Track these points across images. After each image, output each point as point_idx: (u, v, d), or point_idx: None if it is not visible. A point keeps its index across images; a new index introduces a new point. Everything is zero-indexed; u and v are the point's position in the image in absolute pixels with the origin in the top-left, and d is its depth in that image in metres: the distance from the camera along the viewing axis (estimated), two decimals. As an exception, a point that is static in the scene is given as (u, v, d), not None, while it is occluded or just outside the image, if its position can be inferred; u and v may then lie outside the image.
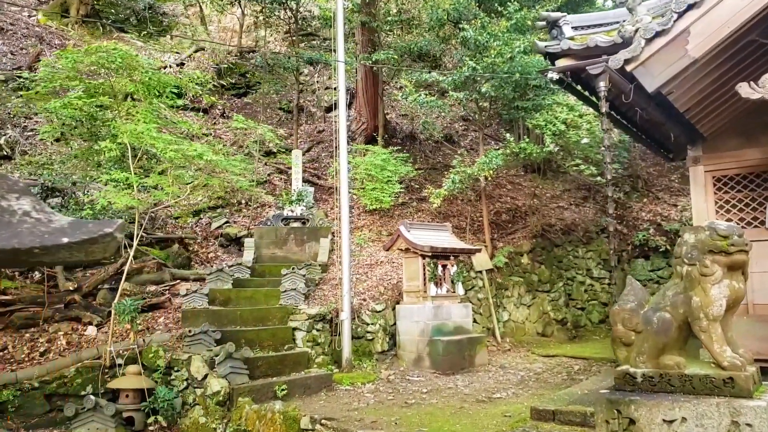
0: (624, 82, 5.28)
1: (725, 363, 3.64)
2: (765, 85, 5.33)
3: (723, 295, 3.63)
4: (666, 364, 3.80)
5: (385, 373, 8.80)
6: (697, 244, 3.71)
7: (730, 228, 3.65)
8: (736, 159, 7.38)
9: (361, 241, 11.21)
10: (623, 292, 4.11)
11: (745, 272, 3.80)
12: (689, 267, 3.70)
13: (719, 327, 3.68)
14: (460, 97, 10.78)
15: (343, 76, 9.46)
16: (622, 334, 3.92)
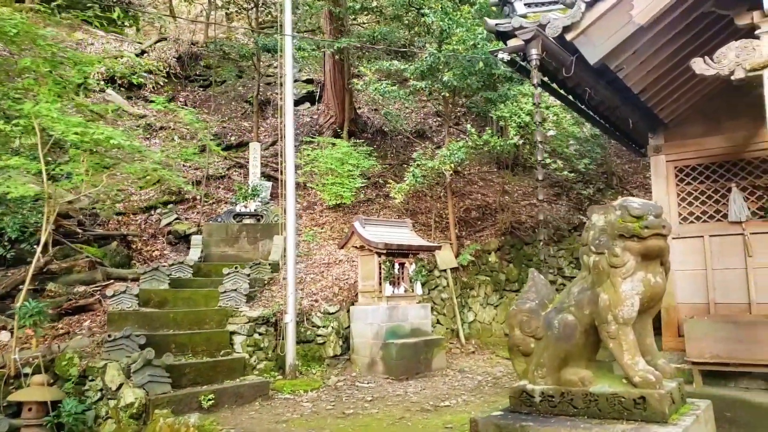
0: (565, 54, 4.73)
1: (636, 379, 2.99)
2: (720, 61, 4.80)
3: (636, 291, 2.98)
4: (568, 380, 3.14)
5: (333, 379, 8.24)
6: (607, 228, 3.04)
7: (645, 206, 3.00)
8: (699, 148, 6.88)
9: (310, 238, 10.62)
10: (524, 288, 3.52)
11: (665, 263, 3.16)
12: (596, 256, 3.05)
13: (631, 332, 3.03)
14: (423, 86, 10.21)
15: (290, 53, 8.87)
16: (520, 341, 3.30)
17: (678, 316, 6.80)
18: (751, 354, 5.87)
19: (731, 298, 6.66)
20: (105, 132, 5.70)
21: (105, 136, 5.67)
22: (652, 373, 3.01)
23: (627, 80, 5.43)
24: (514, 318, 3.35)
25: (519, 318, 3.31)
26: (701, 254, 6.82)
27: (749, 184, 6.68)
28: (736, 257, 6.64)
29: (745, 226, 6.60)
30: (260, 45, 13.01)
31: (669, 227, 2.96)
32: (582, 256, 3.18)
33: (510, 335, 3.35)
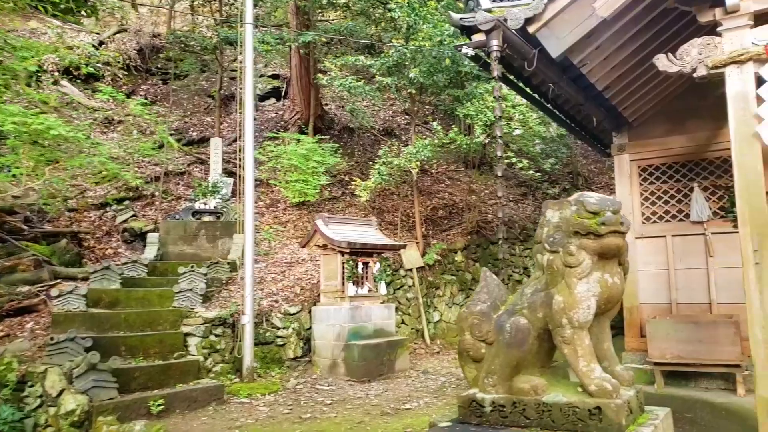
0: (528, 47, 4.59)
1: (592, 387, 2.79)
2: (683, 58, 4.72)
3: (592, 293, 2.78)
4: (520, 388, 2.92)
5: (293, 382, 7.98)
6: (562, 224, 2.85)
7: (603, 202, 2.82)
8: (663, 147, 6.85)
9: (270, 236, 10.32)
10: (476, 289, 3.33)
11: (624, 262, 2.98)
12: (551, 255, 2.86)
13: (587, 337, 2.84)
14: (389, 82, 10.01)
15: (250, 42, 8.58)
16: (470, 345, 3.10)
17: (641, 316, 6.76)
18: (711, 354, 5.84)
19: (693, 298, 6.65)
20: (45, 122, 5.33)
21: (45, 126, 5.30)
22: (609, 381, 2.82)
23: (591, 76, 5.32)
24: (464, 321, 3.14)
25: (469, 321, 3.10)
26: (664, 254, 6.79)
27: (711, 184, 6.68)
28: (697, 257, 6.63)
29: (707, 225, 6.60)
30: (222, 37, 12.63)
31: (627, 224, 2.79)
32: (536, 255, 2.99)
33: (460, 339, 3.14)
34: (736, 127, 4.51)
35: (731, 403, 5.54)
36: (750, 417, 4.58)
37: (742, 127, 4.49)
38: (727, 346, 5.76)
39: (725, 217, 6.52)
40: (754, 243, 4.34)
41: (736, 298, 6.12)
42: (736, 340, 5.73)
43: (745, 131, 4.46)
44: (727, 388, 6.04)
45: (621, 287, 2.94)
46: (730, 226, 6.30)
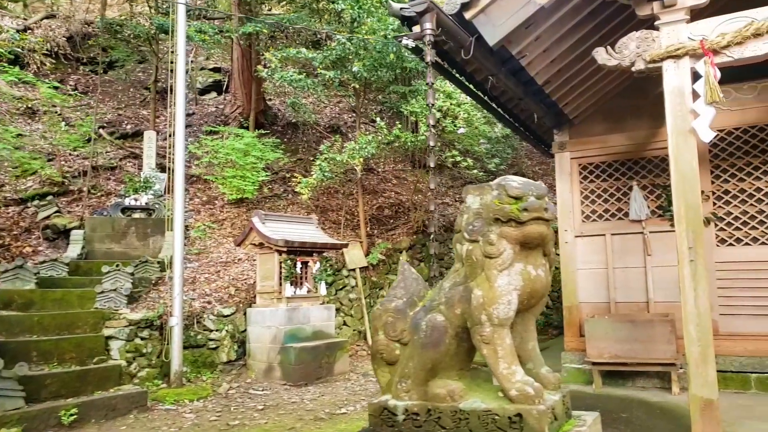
0: (464, 34, 4.41)
1: (513, 392, 2.55)
2: (621, 51, 4.65)
3: (514, 286, 2.54)
4: (436, 394, 2.65)
5: (225, 387, 7.56)
6: (482, 211, 2.61)
7: (526, 185, 2.59)
8: (603, 145, 6.84)
9: (201, 234, 9.84)
10: (393, 283, 3.07)
11: (549, 253, 2.76)
12: (470, 245, 2.61)
13: (509, 335, 2.60)
14: (331, 76, 9.71)
15: (183, 25, 8.06)
16: (383, 347, 2.83)
17: (580, 315, 6.71)
18: (648, 353, 5.82)
19: (631, 297, 6.65)
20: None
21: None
22: (531, 385, 2.58)
23: (530, 69, 5.20)
24: (377, 319, 2.86)
25: (383, 319, 2.82)
26: (603, 253, 6.77)
27: (649, 182, 6.70)
28: (636, 256, 6.64)
29: (645, 224, 6.61)
30: (156, 24, 12.00)
31: (552, 211, 2.57)
32: (455, 245, 2.74)
33: (373, 340, 2.87)
34: (673, 123, 4.47)
35: (666, 401, 5.52)
36: (684, 415, 4.53)
37: (679, 122, 4.44)
38: (663, 345, 5.75)
39: (663, 216, 6.55)
40: (689, 240, 4.29)
41: (672, 296, 6.14)
42: (672, 339, 5.73)
43: (682, 126, 4.42)
44: (663, 386, 6.04)
45: (546, 280, 2.72)
46: (667, 225, 6.33)
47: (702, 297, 4.17)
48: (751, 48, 4.27)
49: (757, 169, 6.21)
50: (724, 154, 6.35)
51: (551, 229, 2.60)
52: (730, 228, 6.26)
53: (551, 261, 2.72)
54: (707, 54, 4.34)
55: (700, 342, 4.08)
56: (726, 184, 6.33)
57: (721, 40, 4.30)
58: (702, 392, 4.05)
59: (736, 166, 6.30)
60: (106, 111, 13.21)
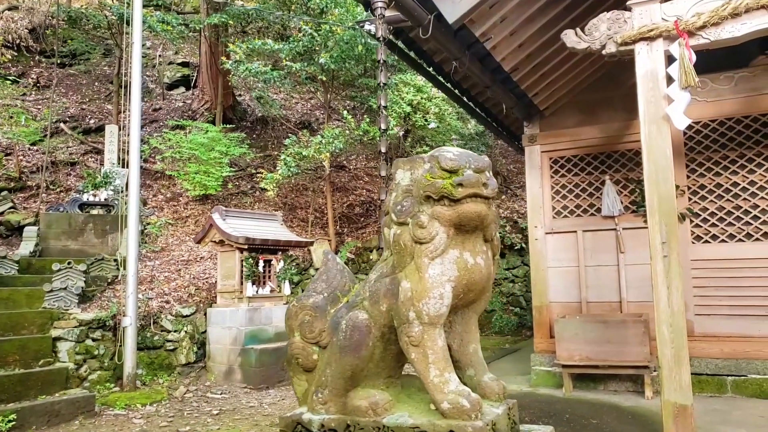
0: (423, 11, 4.09)
1: (444, 405, 2.17)
2: (592, 33, 4.37)
3: (447, 277, 2.15)
4: (356, 407, 2.28)
5: (182, 390, 7.16)
6: (413, 187, 2.26)
7: (463, 157, 2.20)
8: (575, 138, 6.58)
9: (157, 230, 9.40)
10: (314, 277, 2.71)
11: (491, 238, 2.37)
12: (398, 228, 2.26)
13: (441, 336, 2.21)
14: (297, 68, 9.35)
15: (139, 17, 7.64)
16: (299, 350, 2.48)
17: (550, 315, 6.44)
18: (620, 355, 5.56)
19: (603, 296, 6.39)
20: None
21: None
22: (467, 396, 2.18)
23: (496, 54, 4.90)
24: (292, 318, 2.49)
25: (300, 318, 2.46)
26: (574, 250, 6.51)
27: (623, 177, 6.45)
28: (608, 253, 6.38)
29: (618, 220, 6.36)
30: (116, 14, 11.51)
31: (493, 186, 2.21)
32: (383, 229, 2.40)
33: (288, 343, 2.50)
34: (646, 109, 4.20)
35: (639, 406, 5.26)
36: (657, 421, 4.25)
37: (652, 108, 4.18)
38: (636, 347, 5.49)
39: (637, 211, 6.31)
40: (663, 234, 4.02)
41: (646, 296, 5.89)
42: (645, 340, 5.47)
43: (655, 112, 4.15)
44: (635, 390, 5.78)
45: (486, 271, 2.32)
46: (641, 221, 6.09)
47: (676, 295, 3.89)
48: (729, 29, 4.02)
49: (733, 162, 5.99)
50: (699, 147, 6.13)
51: (493, 210, 2.25)
52: (706, 224, 6.03)
53: (495, 248, 2.37)
54: (682, 35, 4.07)
55: (674, 343, 3.80)
56: (702, 179, 6.11)
57: (697, 21, 4.04)
58: (675, 397, 3.77)
59: (712, 160, 6.08)
60: (69, 105, 12.69)
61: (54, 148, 10.44)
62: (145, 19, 9.94)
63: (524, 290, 11.23)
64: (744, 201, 5.90)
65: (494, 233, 2.33)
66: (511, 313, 11.74)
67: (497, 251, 2.40)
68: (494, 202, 2.26)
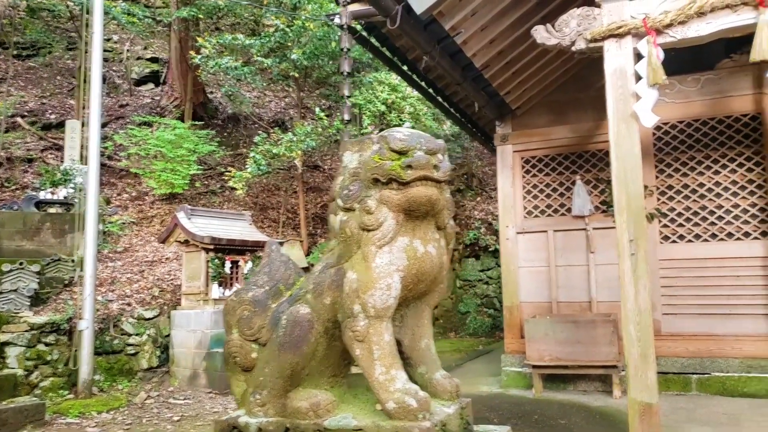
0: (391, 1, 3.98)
1: (390, 404, 2.03)
2: (562, 29, 4.31)
3: (396, 267, 2.02)
4: (296, 408, 2.13)
5: (142, 396, 6.92)
6: (360, 170, 2.12)
7: (414, 138, 2.05)
8: (546, 138, 6.55)
9: (117, 229, 9.10)
10: (256, 269, 2.57)
11: (444, 225, 2.23)
12: (345, 214, 2.13)
13: (388, 331, 2.06)
14: (269, 63, 9.17)
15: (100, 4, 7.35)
16: (237, 348, 2.28)
17: (521, 315, 6.39)
18: (589, 355, 5.53)
19: (574, 296, 6.37)
20: None
21: None
22: (415, 395, 2.04)
23: (467, 49, 4.82)
24: (230, 313, 2.32)
25: (238, 313, 2.30)
26: (545, 250, 6.47)
27: (593, 177, 6.45)
28: (579, 253, 6.36)
29: (588, 220, 6.35)
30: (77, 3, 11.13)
31: (446, 169, 2.07)
32: (329, 216, 2.27)
33: (225, 340, 2.35)
34: (615, 107, 4.16)
35: (607, 406, 5.24)
36: (624, 421, 4.21)
37: (621, 106, 4.14)
38: (605, 347, 5.46)
39: (607, 211, 6.29)
40: (631, 232, 3.97)
41: (615, 296, 5.84)
42: (614, 340, 5.45)
43: (624, 110, 4.11)
44: (604, 390, 5.76)
45: (439, 260, 2.18)
46: (611, 221, 6.03)
47: (643, 294, 3.85)
48: (695, 28, 4.00)
49: (700, 163, 6.03)
50: (668, 148, 6.15)
51: (446, 195, 2.13)
52: (673, 224, 6.06)
53: (449, 236, 2.24)
54: (650, 33, 4.04)
55: (641, 342, 3.76)
56: (670, 179, 6.13)
57: (664, 18, 4.01)
58: (641, 396, 3.73)
59: (679, 161, 6.10)
60: (28, 99, 12.25)
61: (10, 144, 10.03)
62: (109, 9, 9.63)
63: (498, 292, 11.21)
64: (709, 201, 5.94)
65: (447, 220, 2.21)
66: (485, 314, 11.71)
67: (451, 239, 2.28)
68: (448, 186, 2.15)
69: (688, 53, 4.79)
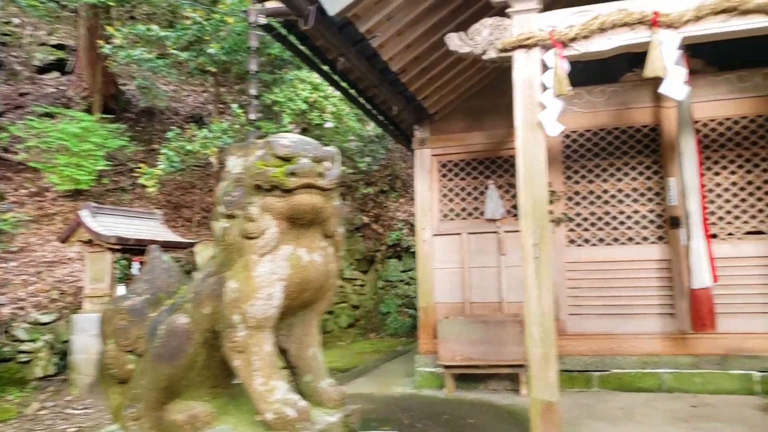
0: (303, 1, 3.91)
1: (269, 415, 2.00)
2: (474, 38, 4.41)
3: (278, 276, 2.00)
4: (173, 421, 2.06)
5: (35, 407, 6.46)
6: (244, 176, 2.06)
7: (300, 144, 2.04)
8: (463, 143, 6.69)
9: (8, 227, 8.44)
10: (136, 276, 2.49)
11: (332, 233, 2.22)
12: (227, 221, 2.05)
13: (268, 341, 2.04)
14: (185, 57, 8.82)
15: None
16: (113, 359, 2.19)
17: (436, 316, 6.48)
18: (499, 355, 5.69)
19: (486, 297, 6.53)
20: None
21: None
22: (294, 405, 2.01)
23: (384, 53, 4.83)
24: (107, 323, 2.23)
25: (115, 323, 2.21)
26: (459, 252, 6.60)
27: (506, 182, 6.64)
28: (491, 255, 6.54)
29: (500, 223, 6.53)
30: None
31: (332, 177, 2.05)
32: (212, 223, 2.21)
33: (102, 350, 2.25)
34: (522, 115, 4.30)
35: (514, 404, 5.41)
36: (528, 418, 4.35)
37: (528, 114, 4.28)
38: (513, 346, 5.64)
39: (517, 215, 6.49)
40: (535, 236, 4.12)
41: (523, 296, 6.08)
42: (521, 340, 5.58)
43: (530, 119, 4.26)
44: (513, 389, 5.95)
45: (325, 268, 2.16)
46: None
47: (546, 296, 4.00)
48: (596, 43, 4.20)
49: (605, 171, 6.35)
50: (576, 156, 6.44)
51: (333, 203, 2.11)
52: (579, 228, 6.34)
53: (338, 244, 2.23)
54: (556, 45, 4.21)
55: (543, 343, 3.90)
56: (577, 185, 6.42)
57: (570, 32, 4.19)
58: (543, 395, 3.87)
59: (586, 168, 6.40)
60: None
61: None
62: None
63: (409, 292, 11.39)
64: (612, 207, 6.27)
65: (336, 228, 2.20)
66: (406, 315, 11.83)
67: (340, 247, 2.27)
68: (336, 194, 2.13)
69: (597, 65, 5.02)
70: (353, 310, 12.22)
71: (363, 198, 13.73)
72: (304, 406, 2.02)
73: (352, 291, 12.36)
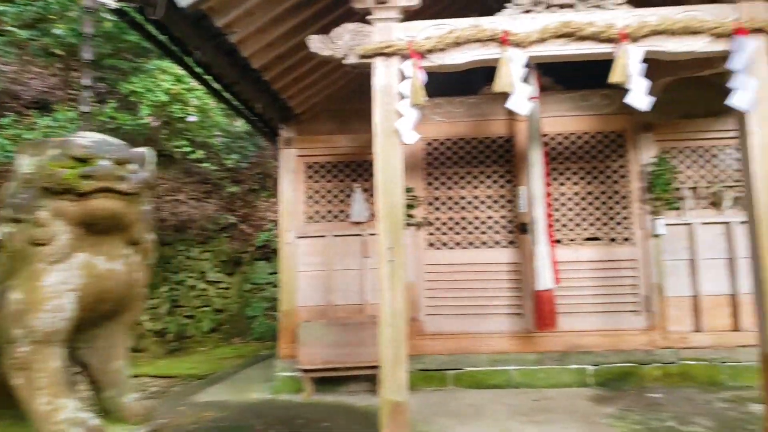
0: (152, -8, 3.69)
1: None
2: (336, 42, 4.43)
3: (70, 286, 1.85)
4: None
5: None
6: (35, 176, 1.88)
7: (100, 146, 1.93)
8: (330, 145, 6.70)
9: None
10: None
11: (138, 240, 2.13)
12: (13, 226, 1.88)
13: (55, 357, 1.88)
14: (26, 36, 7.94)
15: None
16: None
17: (299, 320, 6.41)
18: (358, 357, 5.76)
19: (349, 299, 6.58)
20: None
21: None
22: (83, 424, 1.89)
23: (244, 49, 4.68)
24: None
25: None
26: (324, 254, 6.60)
27: (371, 185, 6.73)
28: (355, 258, 6.61)
29: (365, 226, 6.62)
30: None
31: (136, 181, 1.94)
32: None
33: None
34: (381, 122, 4.39)
35: (371, 405, 5.48)
36: (382, 420, 4.43)
37: (386, 122, 4.38)
38: (372, 347, 5.69)
39: (381, 219, 6.62)
40: (389, 240, 4.22)
41: (385, 298, 6.20)
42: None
43: (388, 126, 4.36)
44: (371, 390, 6.02)
45: (127, 277, 2.06)
46: (384, 228, 6.40)
47: (398, 298, 4.11)
48: (452, 56, 4.40)
49: (463, 178, 6.67)
50: (437, 163, 6.70)
51: (139, 207, 1.99)
52: (438, 232, 6.61)
53: (146, 251, 2.12)
54: (414, 56, 4.35)
55: (394, 344, 4.01)
56: (437, 191, 6.68)
57: (427, 44, 4.35)
58: (393, 395, 3.97)
59: (446, 175, 6.69)
60: None
61: None
62: None
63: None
64: (469, 213, 6.61)
65: (142, 234, 2.07)
66: (272, 318, 11.58)
67: (149, 254, 2.14)
68: (144, 199, 2.01)
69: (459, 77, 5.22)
70: (216, 314, 11.75)
71: (230, 197, 13.26)
72: (95, 424, 1.87)
73: (215, 294, 11.88)
